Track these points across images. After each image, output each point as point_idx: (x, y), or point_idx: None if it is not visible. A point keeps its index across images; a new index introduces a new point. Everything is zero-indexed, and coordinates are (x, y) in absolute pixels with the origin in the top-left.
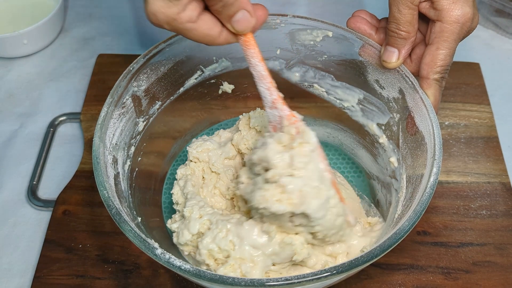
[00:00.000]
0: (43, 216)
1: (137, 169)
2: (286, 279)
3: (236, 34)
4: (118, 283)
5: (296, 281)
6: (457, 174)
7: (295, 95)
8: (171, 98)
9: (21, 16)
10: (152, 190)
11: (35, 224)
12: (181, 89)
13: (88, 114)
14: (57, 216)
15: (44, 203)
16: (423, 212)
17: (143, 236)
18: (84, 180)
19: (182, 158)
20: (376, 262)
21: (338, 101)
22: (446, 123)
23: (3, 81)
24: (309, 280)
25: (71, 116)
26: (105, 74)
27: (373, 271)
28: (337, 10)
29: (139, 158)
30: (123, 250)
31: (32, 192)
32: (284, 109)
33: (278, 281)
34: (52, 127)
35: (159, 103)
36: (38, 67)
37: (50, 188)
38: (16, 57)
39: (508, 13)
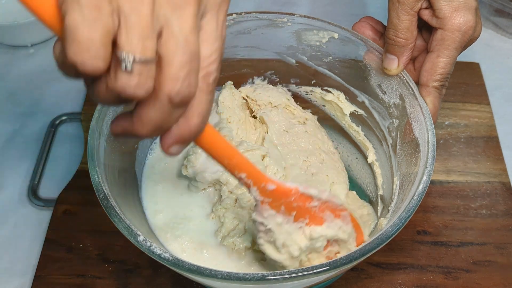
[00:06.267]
0: (44, 216)
1: None
2: (263, 275)
3: None
4: (119, 282)
5: (272, 278)
6: (457, 173)
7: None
8: None
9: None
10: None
11: (35, 223)
12: None
13: (89, 114)
14: (57, 215)
15: (45, 203)
16: (408, 219)
17: (128, 222)
18: (84, 180)
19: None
20: (376, 261)
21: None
22: (446, 122)
23: (3, 80)
24: (286, 278)
25: (72, 116)
26: None
27: (373, 271)
28: (337, 11)
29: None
30: (124, 249)
31: (32, 192)
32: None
33: (254, 276)
34: (53, 126)
35: None
36: (39, 66)
37: (50, 188)
38: (16, 45)
39: (508, 13)
